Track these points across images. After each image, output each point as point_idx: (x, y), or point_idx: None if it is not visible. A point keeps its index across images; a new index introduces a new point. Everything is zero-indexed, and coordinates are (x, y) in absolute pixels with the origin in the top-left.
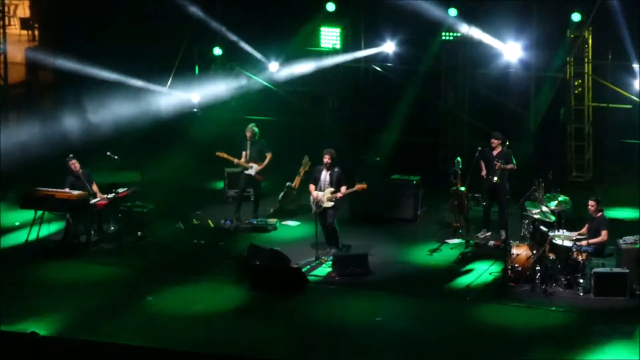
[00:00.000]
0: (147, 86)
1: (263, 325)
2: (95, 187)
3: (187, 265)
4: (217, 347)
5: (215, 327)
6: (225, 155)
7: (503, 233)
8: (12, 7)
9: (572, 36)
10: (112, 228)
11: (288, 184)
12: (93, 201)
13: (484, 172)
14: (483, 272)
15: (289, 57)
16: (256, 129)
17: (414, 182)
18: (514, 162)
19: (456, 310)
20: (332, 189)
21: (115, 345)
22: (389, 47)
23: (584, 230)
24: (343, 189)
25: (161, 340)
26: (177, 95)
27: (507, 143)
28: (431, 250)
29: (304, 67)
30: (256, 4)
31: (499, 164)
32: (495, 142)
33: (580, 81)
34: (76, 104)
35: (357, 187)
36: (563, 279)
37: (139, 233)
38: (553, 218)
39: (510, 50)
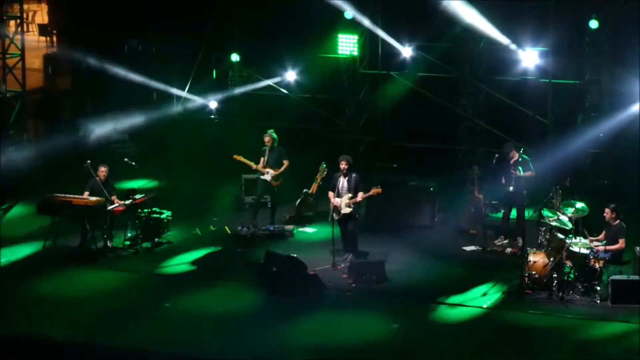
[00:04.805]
0: (167, 89)
1: (280, 331)
2: (114, 197)
3: (204, 271)
4: (234, 353)
5: (233, 333)
6: (242, 159)
7: (520, 240)
8: (30, 14)
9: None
10: (129, 234)
11: (305, 190)
12: (110, 207)
13: (504, 180)
14: (500, 280)
15: (306, 64)
16: (275, 135)
17: (431, 188)
18: (533, 169)
19: (473, 318)
20: (350, 195)
21: (131, 350)
22: (406, 52)
23: (601, 236)
24: (360, 194)
25: (177, 346)
26: (195, 101)
27: (522, 150)
28: (448, 257)
29: None
30: (274, 11)
31: (516, 172)
32: (509, 150)
33: (597, 88)
34: (94, 110)
35: (373, 191)
36: (580, 287)
37: (156, 239)
38: (570, 225)
39: (528, 57)
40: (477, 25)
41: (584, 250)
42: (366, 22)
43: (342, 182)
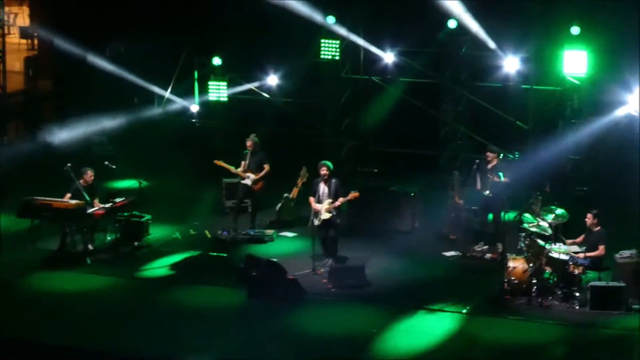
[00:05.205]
0: (148, 86)
1: (259, 336)
2: (95, 201)
3: (184, 275)
4: (213, 356)
5: (212, 336)
6: (223, 164)
7: (500, 246)
8: (11, 16)
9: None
10: (109, 238)
11: (285, 195)
12: (90, 211)
13: (479, 186)
14: (480, 285)
15: (288, 69)
16: (257, 140)
17: (412, 194)
18: (502, 176)
19: (453, 323)
20: (330, 200)
21: (112, 353)
22: (388, 57)
23: (579, 239)
24: (340, 199)
25: (157, 349)
26: (177, 103)
27: (502, 156)
28: (428, 262)
29: None
30: (257, 15)
31: (492, 177)
32: (490, 155)
33: (577, 94)
34: (75, 112)
35: (350, 195)
36: (559, 292)
37: (136, 243)
38: (550, 231)
39: (510, 63)
40: (460, 31)
41: (564, 257)
42: (345, 31)
43: (323, 188)
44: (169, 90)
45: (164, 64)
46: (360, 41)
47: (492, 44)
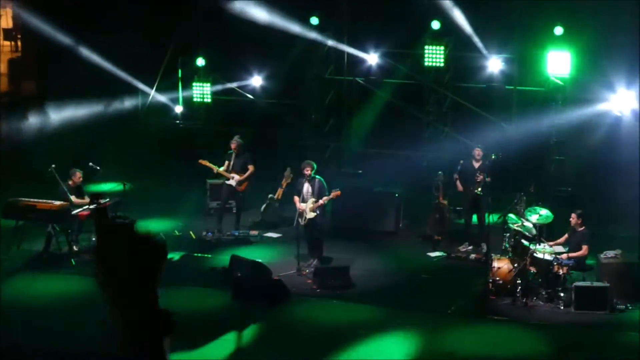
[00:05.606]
0: (134, 83)
1: (244, 337)
2: (84, 199)
3: (168, 276)
4: (197, 357)
5: (197, 339)
6: (207, 164)
7: (484, 246)
8: None
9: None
10: (94, 239)
11: (270, 195)
12: (75, 212)
13: (460, 188)
14: (464, 286)
15: (272, 69)
16: (241, 141)
17: (396, 194)
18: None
19: (437, 323)
20: (314, 199)
21: (94, 354)
22: (372, 59)
23: (561, 240)
24: (324, 197)
25: None
26: (161, 102)
27: (493, 157)
28: (413, 263)
29: None
30: (240, 16)
31: (481, 176)
32: (479, 153)
33: (561, 94)
34: (58, 113)
35: (332, 194)
36: (544, 293)
37: None
38: (534, 231)
39: (493, 64)
40: (444, 32)
41: (548, 257)
42: (322, 33)
43: (307, 187)
44: (154, 89)
45: (148, 64)
46: (344, 43)
47: (475, 45)
